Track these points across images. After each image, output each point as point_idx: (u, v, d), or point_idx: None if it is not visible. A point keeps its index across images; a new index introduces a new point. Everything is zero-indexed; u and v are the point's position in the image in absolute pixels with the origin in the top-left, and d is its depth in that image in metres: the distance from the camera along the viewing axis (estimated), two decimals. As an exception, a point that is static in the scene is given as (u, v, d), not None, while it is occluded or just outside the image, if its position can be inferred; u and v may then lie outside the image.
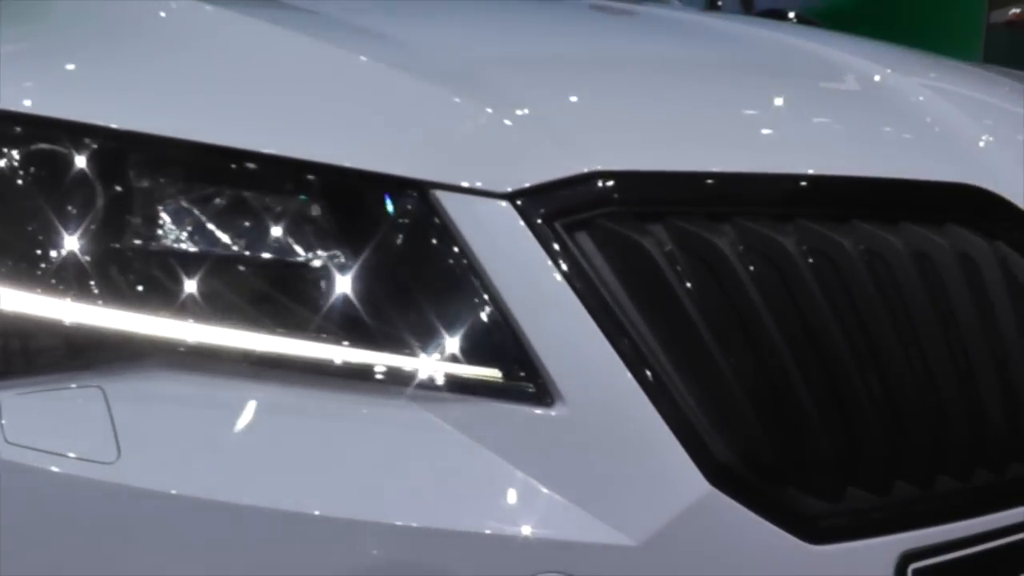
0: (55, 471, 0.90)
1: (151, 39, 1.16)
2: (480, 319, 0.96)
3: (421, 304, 0.97)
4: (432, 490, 0.93)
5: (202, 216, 0.98)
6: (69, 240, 0.96)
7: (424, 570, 0.91)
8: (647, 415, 0.94)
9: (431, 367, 0.95)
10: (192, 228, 0.98)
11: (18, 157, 0.98)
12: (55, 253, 0.96)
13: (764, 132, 1.14)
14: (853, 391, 1.00)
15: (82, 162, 0.98)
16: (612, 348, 0.94)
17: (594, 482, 0.94)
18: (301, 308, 0.97)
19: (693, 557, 0.94)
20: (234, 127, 1.00)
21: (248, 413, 0.95)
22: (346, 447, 0.94)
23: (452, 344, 0.96)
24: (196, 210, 0.98)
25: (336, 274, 0.97)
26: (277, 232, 0.98)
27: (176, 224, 0.98)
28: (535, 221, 0.96)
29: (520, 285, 0.95)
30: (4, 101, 1.00)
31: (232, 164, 0.99)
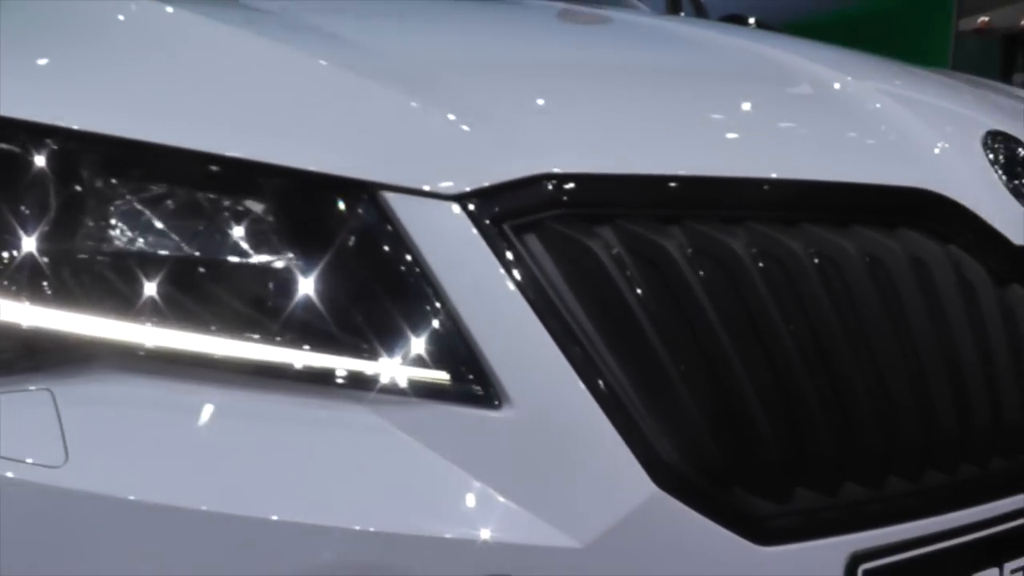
0: (1, 474, 0.88)
1: (109, 40, 1.15)
2: (428, 321, 0.95)
3: (369, 306, 0.95)
4: (378, 494, 0.92)
5: (153, 217, 0.97)
6: (19, 241, 0.95)
7: (367, 573, 0.90)
8: (594, 417, 0.93)
9: (379, 370, 0.94)
10: (143, 229, 0.96)
11: None
12: (5, 254, 0.95)
13: (717, 136, 1.12)
14: (802, 393, 0.99)
15: (34, 162, 0.96)
16: (559, 350, 0.93)
17: (541, 484, 0.93)
18: (251, 310, 0.95)
19: (639, 559, 0.93)
20: (186, 128, 0.98)
21: (198, 417, 0.93)
22: (293, 451, 0.92)
23: (400, 347, 0.95)
24: (147, 211, 0.97)
25: (286, 276, 0.96)
26: (227, 234, 0.97)
27: (126, 225, 0.96)
28: (483, 223, 0.95)
29: (468, 287, 0.94)
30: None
31: (183, 165, 0.97)
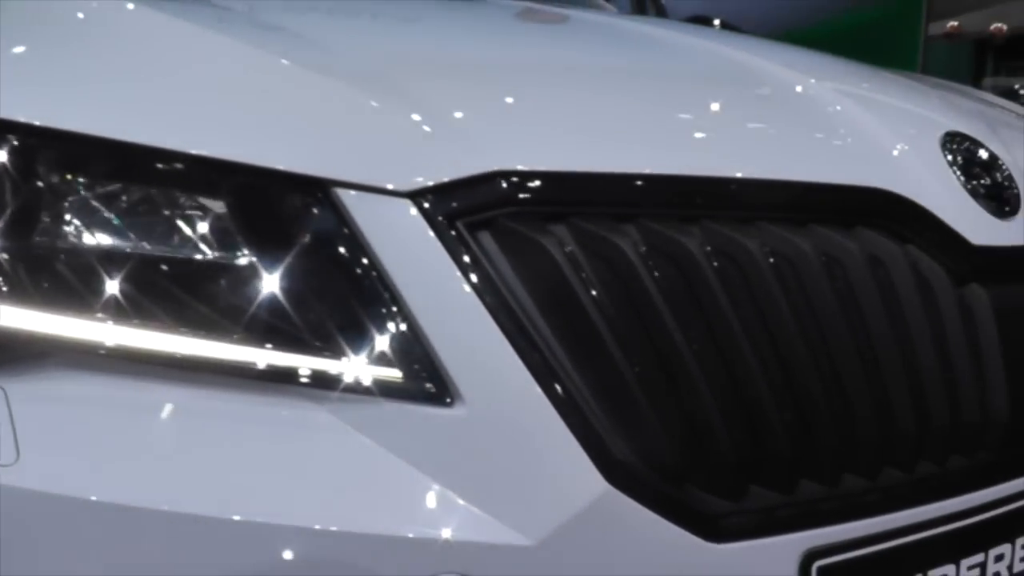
0: (-50, 473, 0.87)
1: (67, 37, 1.12)
2: (381, 319, 0.93)
3: (323, 304, 0.94)
4: (329, 492, 0.90)
5: (108, 214, 0.95)
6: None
7: (319, 572, 0.88)
8: (546, 415, 0.91)
9: (332, 368, 0.92)
10: (97, 226, 0.95)
11: None
12: None
13: (674, 136, 1.11)
14: (757, 392, 0.98)
15: None
16: (512, 348, 0.92)
17: (492, 482, 0.91)
18: (204, 308, 0.93)
19: (591, 556, 0.92)
20: (142, 125, 0.96)
21: (151, 415, 0.92)
22: (243, 449, 0.91)
23: (353, 344, 0.93)
24: (102, 208, 0.95)
25: (239, 273, 0.94)
26: (182, 230, 0.95)
27: (81, 222, 0.95)
28: (436, 220, 0.94)
29: (421, 284, 0.93)
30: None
31: (138, 162, 0.95)
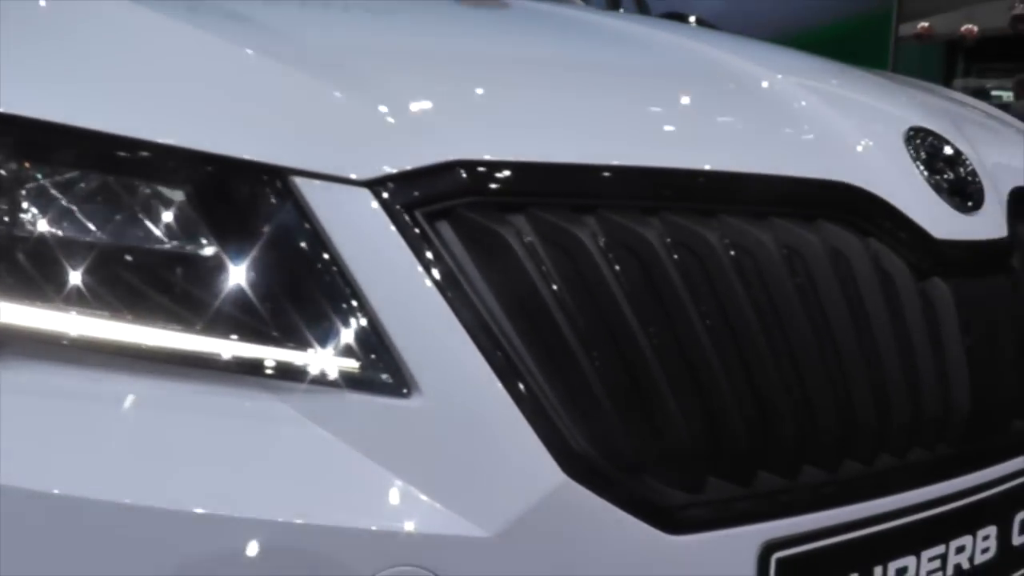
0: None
1: (22, 21, 1.09)
2: (337, 309, 0.91)
3: (279, 293, 0.92)
4: (284, 483, 0.88)
5: (62, 201, 0.92)
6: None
7: (274, 564, 0.86)
8: (503, 406, 0.90)
9: (287, 358, 0.90)
10: (53, 214, 0.92)
11: None
12: None
13: (637, 128, 1.09)
14: (715, 384, 0.97)
15: None
16: (470, 339, 0.90)
17: (449, 474, 0.90)
18: (159, 296, 0.91)
19: (548, 547, 0.90)
20: (97, 111, 0.94)
21: (105, 406, 0.89)
22: (198, 440, 0.88)
23: (308, 334, 0.91)
24: (57, 195, 0.92)
25: (195, 262, 0.92)
26: (138, 218, 0.92)
27: (37, 209, 0.92)
28: (395, 209, 0.92)
29: (378, 274, 0.91)
30: None
31: (93, 148, 0.93)
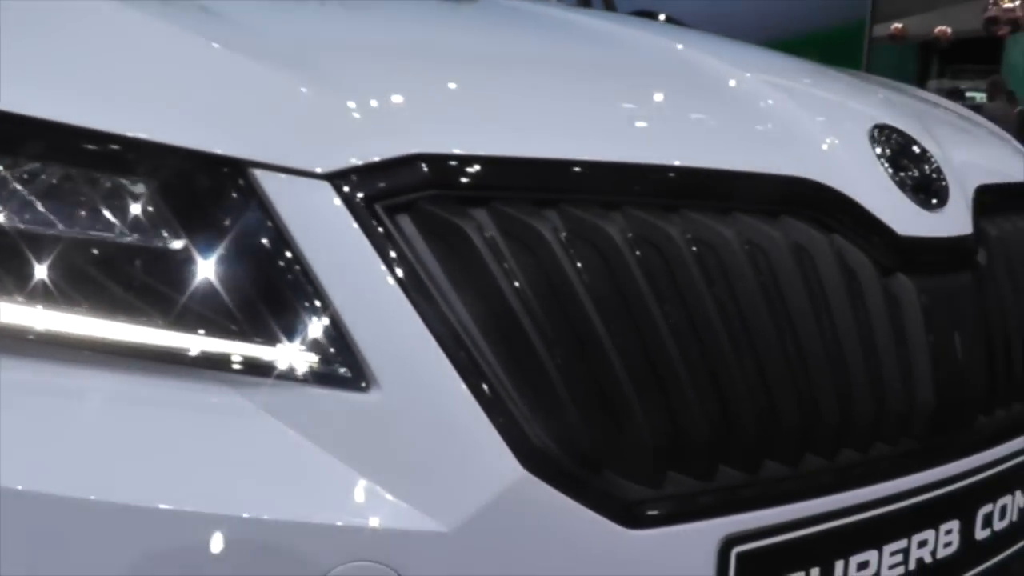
0: None
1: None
2: (296, 302, 0.89)
3: (238, 286, 0.90)
4: (240, 478, 0.86)
5: (23, 193, 0.90)
6: None
7: (231, 559, 0.84)
8: (462, 400, 0.88)
9: (245, 351, 0.89)
10: (12, 205, 0.90)
11: None
12: None
13: (601, 123, 1.07)
14: (676, 379, 0.96)
15: None
16: (429, 333, 0.88)
17: (408, 468, 0.88)
18: (114, 288, 0.89)
19: (508, 542, 0.89)
20: (55, 101, 0.92)
21: (57, 399, 0.87)
22: (153, 434, 0.87)
23: (267, 327, 0.89)
24: (16, 186, 0.90)
25: (153, 254, 0.90)
26: (99, 211, 0.90)
27: None
28: (355, 203, 0.90)
29: (337, 267, 0.89)
30: None
31: (52, 139, 0.90)
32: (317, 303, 0.89)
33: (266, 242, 0.90)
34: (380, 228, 0.90)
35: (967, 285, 1.21)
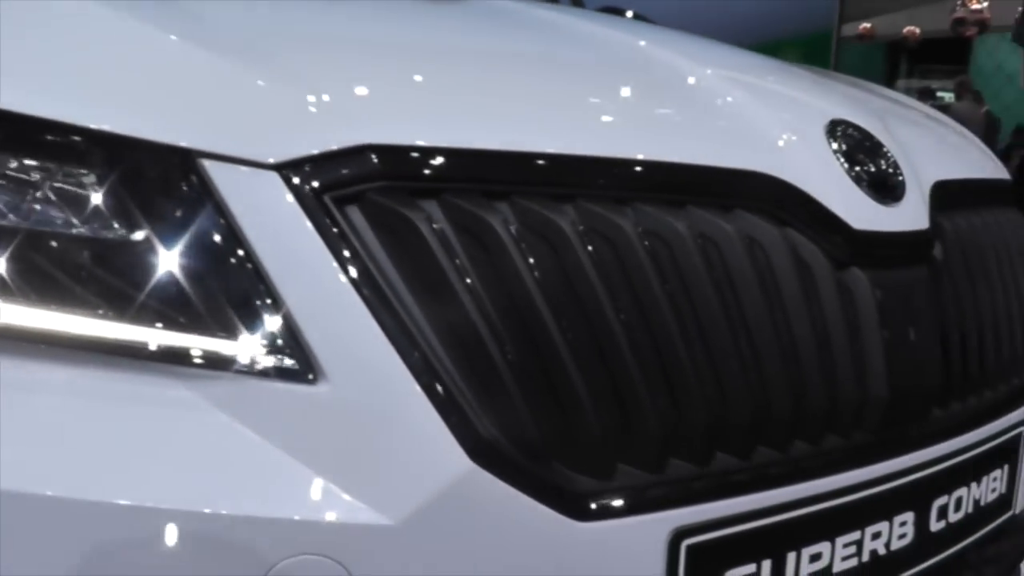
0: None
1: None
2: (244, 294, 0.88)
3: (185, 277, 0.88)
4: (186, 471, 0.85)
5: None
6: None
7: (174, 553, 0.83)
8: (410, 393, 0.87)
9: (192, 343, 0.87)
10: None
11: None
12: None
13: (554, 116, 1.06)
14: (626, 370, 0.95)
15: None
16: (377, 325, 0.87)
17: (355, 461, 0.87)
18: (57, 278, 0.87)
19: (456, 535, 0.87)
20: (3, 90, 0.89)
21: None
22: (97, 426, 0.85)
23: (214, 319, 0.88)
24: None
25: (98, 244, 0.88)
26: (49, 200, 0.88)
27: None
28: (303, 193, 0.88)
29: (286, 259, 0.88)
30: None
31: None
32: (265, 295, 0.87)
33: (215, 233, 0.88)
34: (329, 219, 0.88)
35: (922, 279, 1.20)
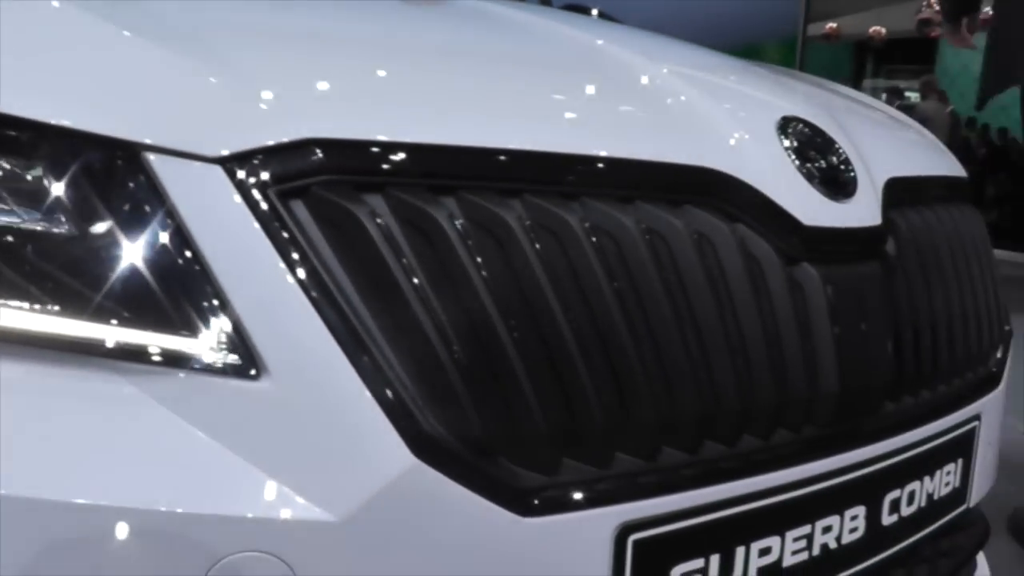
0: None
1: None
2: (187, 288, 0.86)
3: (127, 271, 0.86)
4: (125, 467, 0.83)
5: None
6: None
7: (113, 550, 0.81)
8: (353, 388, 0.86)
9: (134, 338, 0.85)
10: None
11: None
12: None
13: (504, 111, 1.05)
14: (572, 365, 0.94)
15: None
16: (321, 320, 0.86)
17: (298, 457, 0.86)
18: (3, 272, 0.85)
19: (399, 531, 0.86)
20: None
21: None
22: (36, 421, 0.83)
23: (158, 314, 0.86)
24: None
25: (42, 238, 0.86)
26: None
27: None
28: (247, 187, 0.87)
29: (229, 253, 0.86)
30: None
31: None
32: (209, 290, 0.86)
33: (159, 227, 0.87)
34: (273, 214, 0.87)
35: (874, 275, 1.20)
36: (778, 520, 1.08)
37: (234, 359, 0.86)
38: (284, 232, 0.87)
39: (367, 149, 0.92)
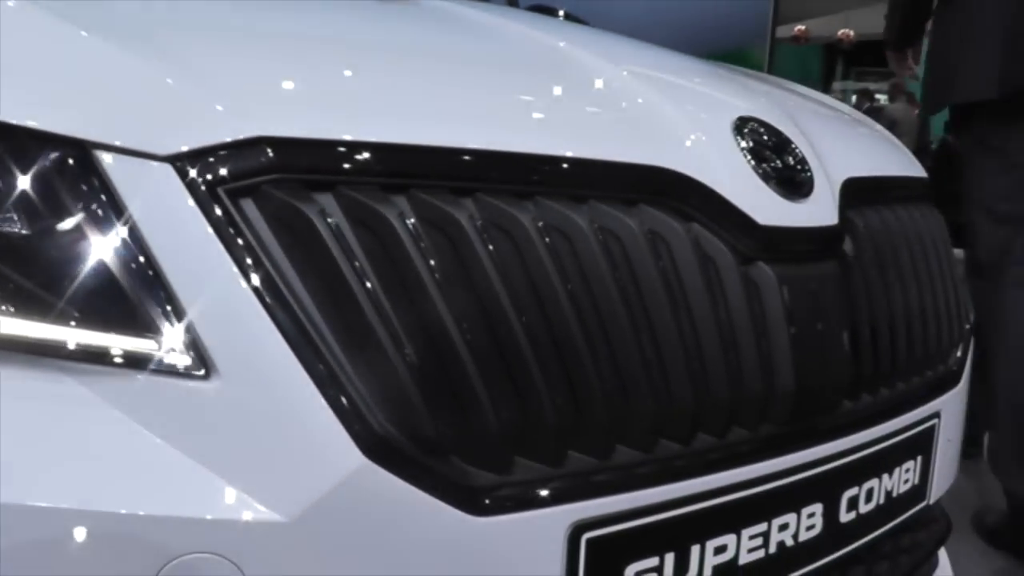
0: None
1: None
2: (137, 288, 0.85)
3: (76, 270, 0.85)
4: (74, 468, 0.82)
5: None
6: None
7: (60, 552, 0.80)
8: (302, 388, 0.85)
9: (83, 338, 0.84)
10: None
11: None
12: None
13: (458, 111, 1.04)
14: (523, 364, 0.93)
15: None
16: (270, 319, 0.85)
17: (247, 457, 0.85)
18: None
19: (349, 531, 0.86)
20: None
21: None
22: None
23: (107, 313, 0.85)
24: None
25: None
26: None
27: None
28: (196, 186, 0.86)
29: (179, 253, 0.86)
30: None
31: None
32: (157, 289, 0.85)
33: (108, 226, 0.86)
34: (222, 212, 0.86)
35: (831, 274, 1.20)
36: (734, 518, 1.08)
37: (184, 360, 0.85)
38: (234, 231, 0.86)
39: (318, 148, 0.91)
